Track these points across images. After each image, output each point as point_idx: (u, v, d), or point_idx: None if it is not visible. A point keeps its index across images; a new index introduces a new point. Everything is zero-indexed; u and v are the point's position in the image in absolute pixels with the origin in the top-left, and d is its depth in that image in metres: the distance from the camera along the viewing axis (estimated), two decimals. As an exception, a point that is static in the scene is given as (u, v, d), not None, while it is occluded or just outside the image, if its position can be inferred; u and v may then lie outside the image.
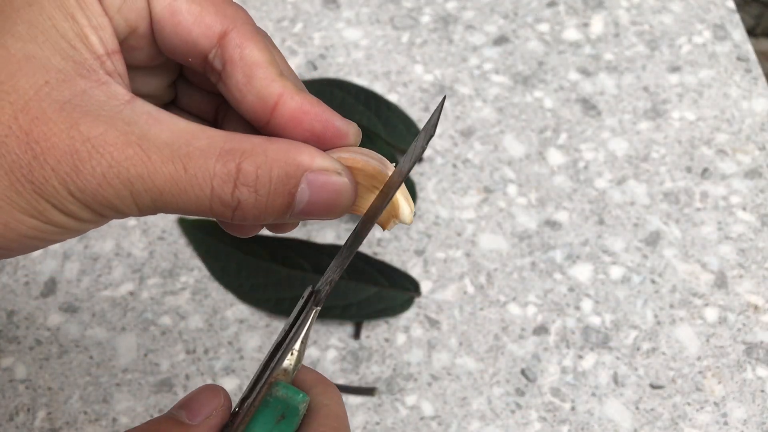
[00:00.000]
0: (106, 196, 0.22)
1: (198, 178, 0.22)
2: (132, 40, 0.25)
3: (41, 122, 0.22)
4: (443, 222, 0.50)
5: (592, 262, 0.48)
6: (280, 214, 0.24)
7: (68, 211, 0.22)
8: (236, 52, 0.24)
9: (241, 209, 0.23)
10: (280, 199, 0.23)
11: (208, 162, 0.22)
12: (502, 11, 0.60)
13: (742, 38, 0.58)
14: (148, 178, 0.22)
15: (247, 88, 0.24)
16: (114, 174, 0.22)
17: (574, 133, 0.54)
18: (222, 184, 0.22)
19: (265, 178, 0.23)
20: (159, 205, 0.23)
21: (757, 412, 0.44)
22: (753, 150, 0.53)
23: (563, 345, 0.46)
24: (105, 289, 0.48)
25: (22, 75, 0.22)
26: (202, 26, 0.24)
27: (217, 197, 0.23)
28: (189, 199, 0.22)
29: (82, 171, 0.22)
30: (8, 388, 0.45)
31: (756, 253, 0.49)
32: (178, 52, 0.25)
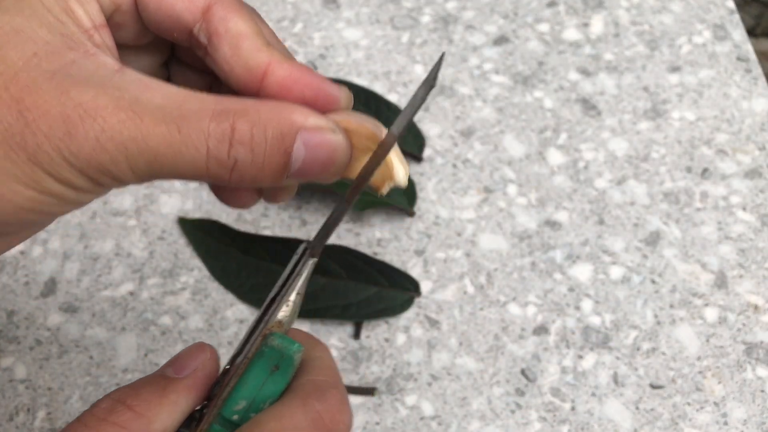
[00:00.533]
0: (101, 161, 0.22)
1: (193, 138, 0.22)
2: (117, 17, 0.25)
3: (32, 90, 0.21)
4: (443, 222, 0.50)
5: (592, 262, 0.48)
6: (278, 174, 0.23)
7: (64, 178, 0.22)
8: (221, 25, 0.24)
9: (237, 169, 0.23)
10: (277, 157, 0.23)
11: (201, 122, 0.22)
12: (502, 11, 0.60)
13: (742, 38, 0.58)
14: (141, 141, 0.22)
15: (234, 59, 0.24)
16: (107, 137, 0.22)
17: (574, 133, 0.54)
18: (217, 143, 0.22)
19: (261, 136, 0.23)
20: (155, 168, 0.22)
21: (757, 412, 0.44)
22: (753, 150, 0.53)
23: (563, 345, 0.46)
24: (105, 289, 0.48)
25: (10, 47, 0.22)
26: (185, 0, 0.24)
27: (214, 157, 0.22)
28: (185, 160, 0.22)
29: (74, 136, 0.21)
30: (8, 388, 0.45)
31: (756, 253, 0.49)
32: (163, 28, 0.25)
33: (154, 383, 0.25)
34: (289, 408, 0.25)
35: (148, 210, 0.51)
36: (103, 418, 0.24)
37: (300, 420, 0.24)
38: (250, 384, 0.25)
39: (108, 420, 0.24)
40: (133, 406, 0.25)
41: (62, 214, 0.24)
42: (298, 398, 0.25)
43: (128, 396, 0.25)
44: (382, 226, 0.50)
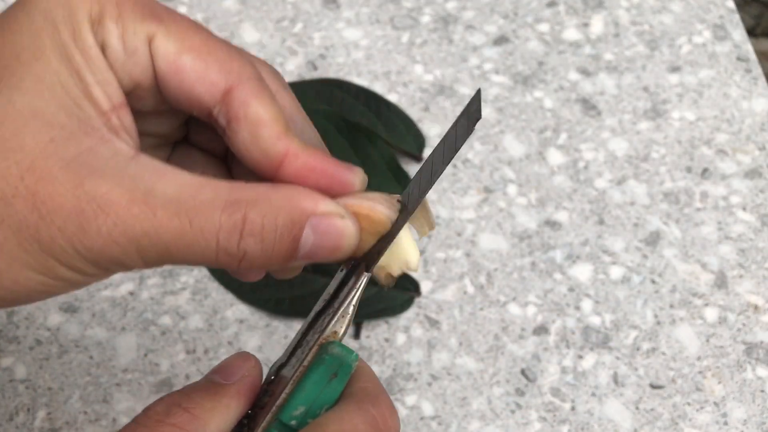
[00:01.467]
0: (113, 254, 0.22)
1: (204, 231, 0.22)
2: (138, 91, 0.25)
3: (47, 182, 0.22)
4: (443, 222, 0.50)
5: (592, 262, 0.48)
6: (285, 259, 0.24)
7: (75, 267, 0.23)
8: (240, 110, 0.24)
9: (247, 259, 0.23)
10: (285, 245, 0.23)
11: (213, 214, 0.22)
12: (502, 11, 0.60)
13: (742, 38, 0.58)
14: (154, 234, 0.22)
15: (252, 146, 0.24)
16: (120, 232, 0.22)
17: (574, 133, 0.54)
18: (228, 236, 0.23)
19: (271, 226, 0.23)
20: (165, 258, 0.23)
21: (757, 412, 0.44)
22: (753, 150, 0.53)
23: (563, 345, 0.46)
24: (105, 289, 0.48)
25: (27, 132, 0.22)
26: (206, 83, 0.24)
27: (223, 249, 0.23)
28: (195, 252, 0.23)
29: (87, 231, 0.22)
30: (8, 388, 0.45)
31: (756, 253, 0.49)
32: (183, 106, 0.25)
33: (206, 388, 0.26)
34: (348, 413, 0.26)
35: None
36: (160, 420, 0.25)
37: (358, 423, 0.25)
38: (309, 390, 0.26)
39: (165, 422, 0.25)
40: (189, 409, 0.25)
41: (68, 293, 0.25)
42: (354, 404, 0.26)
43: (182, 399, 0.26)
44: (382, 226, 0.50)
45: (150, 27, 0.23)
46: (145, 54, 0.24)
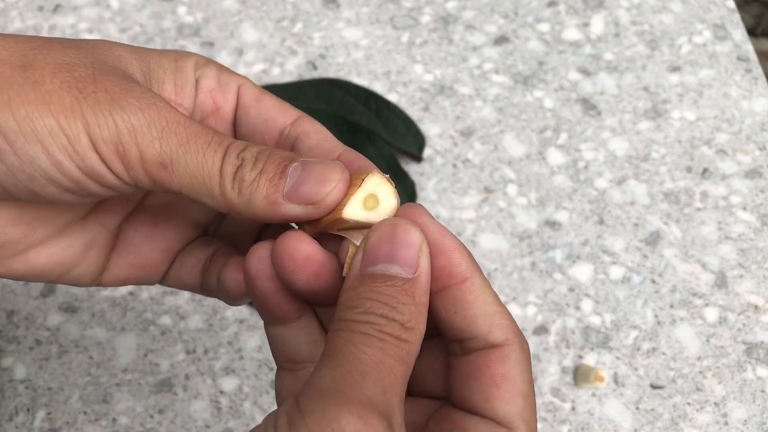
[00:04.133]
0: (140, 122, 0.25)
1: (220, 140, 0.25)
2: (212, 119, 0.30)
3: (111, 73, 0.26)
4: (443, 222, 0.50)
5: (592, 262, 0.48)
6: (272, 186, 0.25)
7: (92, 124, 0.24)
8: (308, 126, 0.29)
9: (240, 170, 0.25)
10: (273, 168, 0.25)
11: (228, 137, 0.26)
12: (502, 11, 0.60)
13: (743, 38, 0.58)
14: (182, 125, 0.25)
15: (317, 148, 0.28)
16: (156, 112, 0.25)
17: (574, 133, 0.54)
18: (234, 148, 0.25)
19: (266, 152, 0.26)
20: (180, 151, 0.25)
21: (758, 412, 0.44)
22: (753, 150, 0.53)
23: (563, 345, 0.46)
24: (105, 289, 0.48)
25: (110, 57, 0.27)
26: (282, 110, 0.30)
27: (228, 158, 0.25)
28: (207, 154, 0.25)
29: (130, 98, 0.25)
30: (8, 388, 0.45)
31: (756, 253, 0.49)
32: (257, 131, 0.30)
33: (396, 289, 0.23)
34: None
35: (147, 210, 0.51)
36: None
37: None
38: None
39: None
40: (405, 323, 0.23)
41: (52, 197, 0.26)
42: None
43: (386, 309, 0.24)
44: (382, 226, 0.50)
45: (241, 79, 0.30)
46: (234, 89, 0.30)
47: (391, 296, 0.23)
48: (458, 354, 0.25)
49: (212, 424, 0.43)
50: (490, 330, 0.24)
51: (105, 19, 0.59)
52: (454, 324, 0.24)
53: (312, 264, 0.25)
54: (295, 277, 0.25)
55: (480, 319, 0.24)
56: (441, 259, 0.24)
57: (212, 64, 0.30)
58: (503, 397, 0.24)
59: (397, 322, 0.22)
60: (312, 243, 0.25)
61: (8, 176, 0.25)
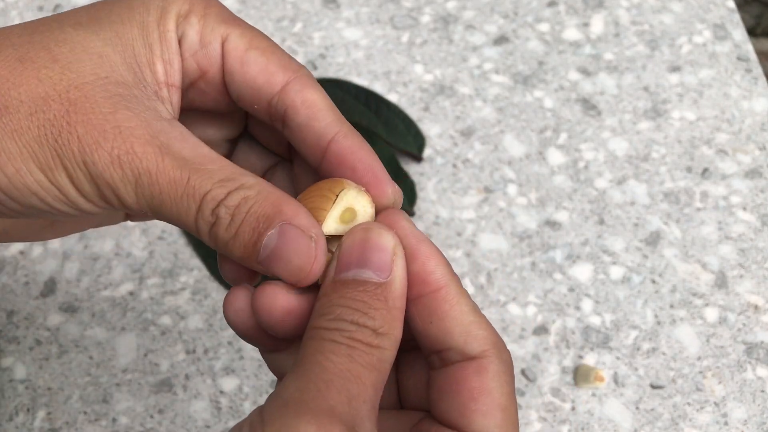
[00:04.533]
0: (113, 177, 0.24)
1: (195, 189, 0.24)
2: (202, 83, 0.28)
3: (86, 100, 0.24)
4: (443, 222, 0.50)
5: (592, 262, 0.48)
6: (247, 250, 0.24)
7: (75, 178, 0.24)
8: (297, 97, 0.27)
9: (216, 227, 0.24)
10: (249, 233, 0.24)
11: (209, 180, 0.24)
12: (502, 11, 0.60)
13: (743, 38, 0.58)
14: (154, 175, 0.24)
15: (307, 128, 0.26)
16: (128, 160, 0.24)
17: (574, 133, 0.54)
18: (210, 201, 0.24)
19: (244, 208, 0.24)
20: (155, 203, 0.24)
21: (758, 412, 0.44)
22: (753, 150, 0.53)
23: (563, 345, 0.46)
24: (105, 289, 0.48)
25: (89, 63, 0.25)
26: (267, 74, 0.27)
27: (202, 211, 0.24)
28: (181, 206, 0.24)
29: (102, 147, 0.24)
30: (8, 388, 0.45)
31: (756, 253, 0.49)
32: (245, 99, 0.27)
33: (367, 298, 0.23)
34: None
35: (147, 210, 0.51)
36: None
37: None
38: None
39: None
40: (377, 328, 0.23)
41: (60, 219, 0.26)
42: None
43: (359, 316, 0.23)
44: (382, 226, 0.50)
45: (226, 29, 0.27)
46: (217, 49, 0.27)
47: (362, 302, 0.22)
48: (437, 366, 0.25)
49: (212, 424, 0.43)
50: (466, 341, 0.24)
51: (105, 19, 0.59)
52: (430, 334, 0.24)
53: (292, 317, 0.24)
54: (277, 330, 0.25)
55: (456, 330, 0.24)
56: (415, 265, 0.24)
57: (193, 14, 0.27)
58: (480, 410, 0.24)
59: (368, 328, 0.22)
60: (289, 294, 0.24)
61: (16, 213, 0.25)
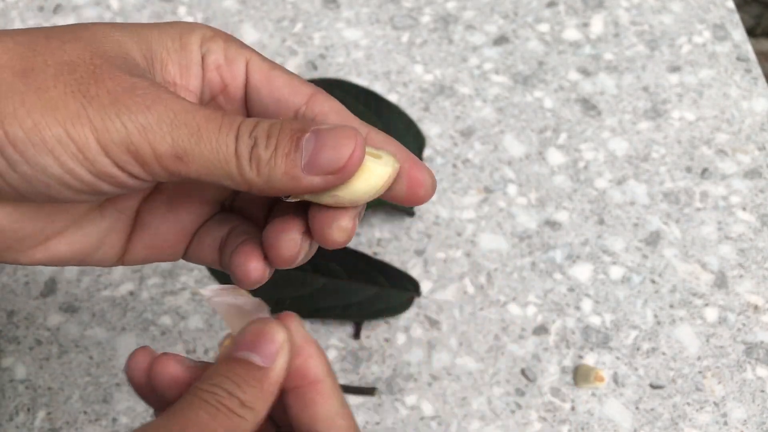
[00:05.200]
0: (148, 119, 0.24)
1: (230, 122, 0.25)
2: (222, 98, 0.29)
3: (111, 66, 0.25)
4: (443, 222, 0.50)
5: (592, 262, 0.48)
6: (290, 161, 0.25)
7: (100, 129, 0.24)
8: (326, 105, 0.29)
9: (256, 149, 0.25)
10: (287, 143, 0.25)
11: (238, 117, 0.26)
12: (502, 11, 0.60)
13: (742, 38, 0.58)
14: (191, 113, 0.25)
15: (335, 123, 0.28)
16: (162, 104, 0.25)
17: (574, 133, 0.54)
18: (245, 128, 0.25)
19: (277, 127, 0.26)
20: (193, 141, 0.25)
21: (757, 412, 0.44)
22: (753, 150, 0.53)
23: (563, 345, 0.46)
24: (105, 289, 0.48)
25: (109, 44, 0.26)
26: (294, 88, 0.29)
27: (241, 135, 0.25)
28: (221, 137, 0.25)
29: (135, 95, 0.24)
30: (8, 388, 0.45)
31: (756, 253, 0.49)
32: (270, 112, 0.29)
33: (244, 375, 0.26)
34: None
35: (148, 210, 0.51)
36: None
37: None
38: None
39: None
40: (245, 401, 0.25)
41: (62, 199, 0.25)
42: None
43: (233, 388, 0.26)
44: (382, 226, 0.50)
45: (249, 53, 0.29)
46: (242, 67, 0.29)
47: (242, 378, 0.25)
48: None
49: (212, 424, 0.43)
50: (330, 428, 0.26)
51: (105, 19, 0.59)
52: (302, 420, 0.27)
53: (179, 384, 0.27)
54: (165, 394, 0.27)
55: (321, 418, 0.26)
56: (299, 360, 0.27)
57: (219, 37, 0.29)
58: None
59: (236, 398, 0.25)
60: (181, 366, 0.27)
61: (23, 183, 0.25)
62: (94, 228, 0.29)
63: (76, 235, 0.29)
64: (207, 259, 0.31)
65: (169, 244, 0.31)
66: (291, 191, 0.26)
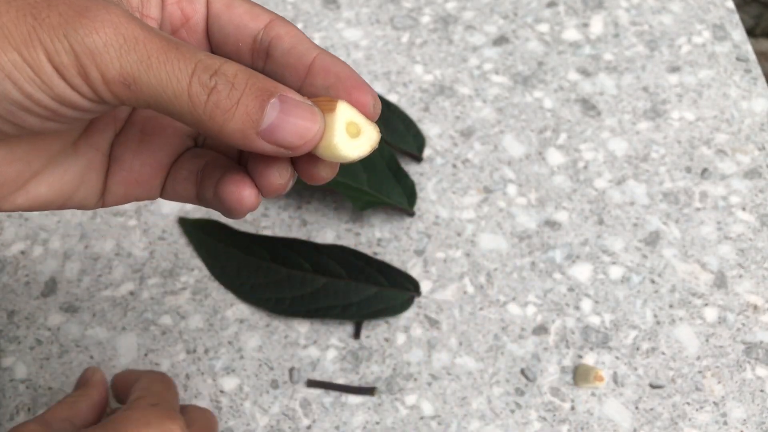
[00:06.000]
0: (95, 43, 0.23)
1: (186, 56, 0.24)
2: (184, 31, 0.29)
3: None
4: (443, 222, 0.50)
5: (592, 262, 0.49)
6: (249, 121, 0.25)
7: (52, 51, 0.23)
8: (282, 29, 0.28)
9: (216, 94, 0.24)
10: (252, 101, 0.25)
11: (198, 52, 0.25)
12: (501, 11, 0.60)
13: (742, 38, 0.58)
14: (142, 41, 0.24)
15: (291, 51, 0.28)
16: (113, 28, 0.24)
17: (574, 133, 0.54)
18: (205, 67, 0.24)
19: (243, 79, 0.25)
20: (142, 68, 0.24)
21: (757, 411, 0.44)
22: (752, 150, 0.53)
23: (563, 345, 0.46)
24: (105, 288, 0.48)
25: None
26: (253, 15, 0.29)
27: (198, 75, 0.24)
28: (173, 69, 0.24)
29: (85, 17, 0.24)
30: (9, 388, 0.45)
31: (755, 253, 0.49)
32: (230, 39, 0.29)
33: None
34: None
35: (148, 210, 0.51)
36: None
37: None
38: None
39: None
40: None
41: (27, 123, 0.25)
42: None
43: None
44: (382, 226, 0.50)
45: None
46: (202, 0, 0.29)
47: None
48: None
49: (212, 424, 0.43)
50: None
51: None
52: None
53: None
54: None
55: None
56: None
57: None
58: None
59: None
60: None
61: None
62: (70, 167, 0.29)
63: (54, 175, 0.28)
64: (184, 195, 0.31)
65: (145, 179, 0.30)
66: (238, 146, 0.25)
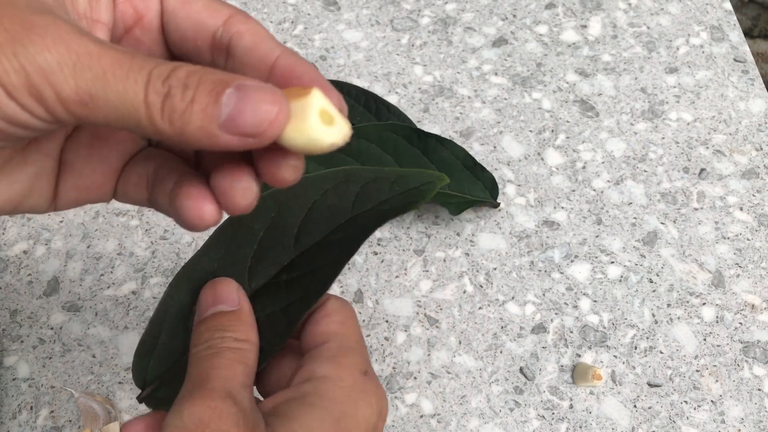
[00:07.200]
0: (48, 61, 0.23)
1: (141, 65, 0.23)
2: (138, 30, 0.28)
3: (10, 5, 0.23)
4: (443, 222, 0.50)
5: (590, 262, 0.49)
6: (207, 117, 0.24)
7: (3, 70, 0.22)
8: (242, 26, 0.27)
9: (170, 98, 0.23)
10: (205, 96, 0.23)
11: (151, 61, 0.24)
12: (500, 13, 0.60)
13: (740, 40, 0.58)
14: (96, 56, 0.23)
15: (253, 50, 0.27)
16: (65, 45, 0.23)
17: (573, 133, 0.54)
18: (158, 74, 0.23)
19: (196, 77, 0.24)
20: (98, 85, 0.23)
21: (754, 410, 0.44)
22: (750, 150, 0.53)
23: (561, 344, 0.46)
24: (107, 288, 0.48)
25: None
26: (212, 11, 0.28)
27: (152, 83, 0.23)
28: (128, 82, 0.23)
29: (35, 33, 0.23)
30: (11, 387, 0.45)
31: (753, 253, 0.49)
32: (188, 37, 0.28)
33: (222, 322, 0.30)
34: None
35: (150, 210, 0.51)
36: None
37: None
38: None
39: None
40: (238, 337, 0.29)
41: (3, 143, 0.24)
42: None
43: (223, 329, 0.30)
44: (382, 226, 0.50)
45: None
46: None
47: (222, 324, 0.29)
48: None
49: (214, 422, 0.44)
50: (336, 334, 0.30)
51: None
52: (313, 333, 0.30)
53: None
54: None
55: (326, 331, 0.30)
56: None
57: None
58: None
59: (230, 337, 0.29)
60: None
61: None
62: (20, 174, 0.28)
63: (2, 184, 0.27)
64: (136, 198, 0.30)
65: (96, 185, 0.30)
66: (207, 147, 0.24)
